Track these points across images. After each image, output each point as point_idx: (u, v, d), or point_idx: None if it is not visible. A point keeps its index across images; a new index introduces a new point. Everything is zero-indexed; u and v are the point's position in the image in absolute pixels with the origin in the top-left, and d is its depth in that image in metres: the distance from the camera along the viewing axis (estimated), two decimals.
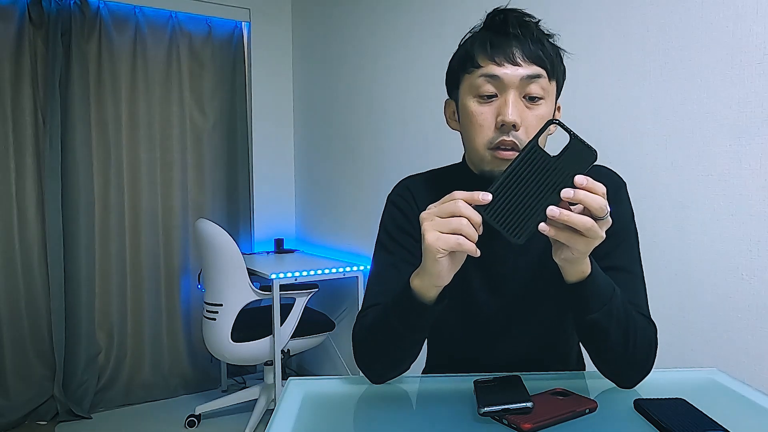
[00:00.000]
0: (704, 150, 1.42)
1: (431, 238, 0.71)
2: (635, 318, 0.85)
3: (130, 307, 3.11)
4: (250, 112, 3.42)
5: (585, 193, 0.67)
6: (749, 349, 1.34)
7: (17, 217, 2.81)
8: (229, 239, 2.52)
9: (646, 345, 0.86)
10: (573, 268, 0.77)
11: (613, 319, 0.81)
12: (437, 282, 0.77)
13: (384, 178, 2.72)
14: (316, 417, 0.80)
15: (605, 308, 0.80)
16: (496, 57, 0.85)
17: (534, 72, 0.85)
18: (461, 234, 0.70)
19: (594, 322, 0.81)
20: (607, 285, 0.81)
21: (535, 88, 0.86)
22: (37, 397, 2.83)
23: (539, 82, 0.86)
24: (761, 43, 1.29)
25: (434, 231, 0.71)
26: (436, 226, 0.71)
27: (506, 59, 0.85)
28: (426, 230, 0.72)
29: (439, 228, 0.71)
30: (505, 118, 0.84)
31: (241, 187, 3.40)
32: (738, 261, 1.36)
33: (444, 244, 0.70)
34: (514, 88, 0.85)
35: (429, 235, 0.71)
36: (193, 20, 3.23)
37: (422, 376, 0.98)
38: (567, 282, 0.80)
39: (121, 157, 3.05)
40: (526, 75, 0.85)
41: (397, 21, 2.58)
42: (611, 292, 0.81)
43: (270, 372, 2.70)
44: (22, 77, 2.79)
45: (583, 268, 0.78)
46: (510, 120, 0.84)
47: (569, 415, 0.75)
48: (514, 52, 0.85)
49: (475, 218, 0.70)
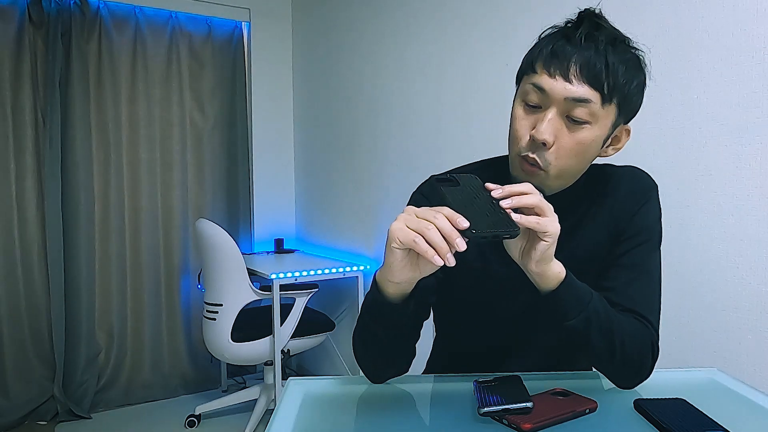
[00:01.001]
0: (704, 150, 1.42)
1: (394, 226, 0.71)
2: (621, 323, 0.83)
3: (130, 307, 3.11)
4: (250, 112, 3.42)
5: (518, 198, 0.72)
6: (749, 349, 1.34)
7: (17, 217, 2.81)
8: (229, 239, 2.52)
9: (639, 349, 0.85)
10: (549, 269, 0.77)
11: (593, 325, 0.80)
12: (389, 275, 0.75)
13: (384, 178, 2.72)
14: (316, 417, 0.80)
15: (582, 315, 0.79)
16: (552, 67, 0.81)
17: (582, 95, 0.79)
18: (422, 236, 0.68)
19: (572, 328, 0.80)
20: (583, 291, 0.80)
21: (580, 111, 0.80)
22: (37, 397, 2.83)
23: (588, 106, 0.80)
24: (761, 43, 1.29)
25: (401, 222, 0.71)
26: (406, 219, 0.71)
27: (560, 72, 0.80)
28: (396, 219, 0.72)
29: (407, 222, 0.70)
30: (536, 135, 0.81)
31: (241, 187, 3.40)
32: (738, 261, 1.36)
33: (403, 236, 0.70)
34: (557, 105, 0.81)
35: (395, 224, 0.71)
36: (193, 20, 3.22)
37: (422, 376, 0.98)
38: (542, 291, 0.79)
39: (121, 157, 3.05)
40: (572, 97, 0.80)
41: (397, 21, 2.58)
42: (588, 298, 0.80)
43: (270, 372, 2.70)
44: (22, 77, 2.79)
45: (559, 270, 0.78)
46: (540, 137, 0.80)
47: (569, 415, 0.75)
48: (570, 65, 0.80)
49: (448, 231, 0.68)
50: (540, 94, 0.82)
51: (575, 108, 0.80)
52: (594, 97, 0.80)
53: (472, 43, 2.14)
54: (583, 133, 0.82)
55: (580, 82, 0.80)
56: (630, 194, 0.94)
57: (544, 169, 0.83)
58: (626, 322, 0.85)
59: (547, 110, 0.81)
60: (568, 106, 0.80)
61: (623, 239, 0.92)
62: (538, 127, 0.81)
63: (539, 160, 0.82)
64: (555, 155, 0.82)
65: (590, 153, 0.85)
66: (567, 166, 0.84)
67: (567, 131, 0.82)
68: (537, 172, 0.83)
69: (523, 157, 0.84)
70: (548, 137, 0.80)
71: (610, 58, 0.80)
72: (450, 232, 0.68)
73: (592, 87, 0.80)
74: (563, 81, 0.80)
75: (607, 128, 0.84)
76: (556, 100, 0.81)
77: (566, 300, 0.79)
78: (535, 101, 0.83)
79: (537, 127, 0.81)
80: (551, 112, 0.81)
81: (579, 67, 0.80)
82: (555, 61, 0.81)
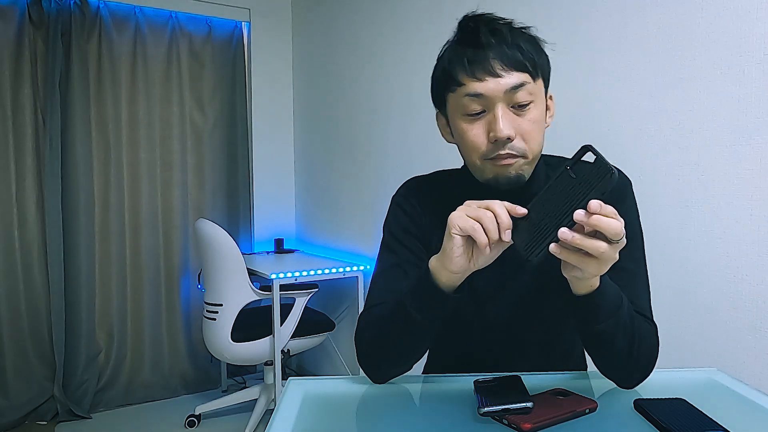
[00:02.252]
0: (704, 150, 1.42)
1: (455, 215, 0.76)
2: (641, 325, 0.85)
3: (130, 307, 3.11)
4: (250, 112, 3.42)
5: (598, 218, 0.66)
6: (749, 349, 1.34)
7: (17, 217, 2.80)
8: (229, 239, 2.52)
9: (650, 349, 0.87)
10: (582, 283, 0.77)
11: (620, 329, 0.81)
12: (447, 263, 0.78)
13: (384, 178, 2.72)
14: (316, 417, 0.80)
15: (612, 320, 0.80)
16: (476, 72, 0.84)
17: (518, 81, 0.83)
18: (480, 223, 0.73)
19: (601, 331, 0.81)
20: (615, 296, 0.81)
21: (522, 95, 0.84)
22: (37, 397, 2.83)
23: (525, 88, 0.84)
24: (761, 43, 1.29)
25: (461, 211, 0.76)
26: (466, 209, 0.76)
27: (486, 73, 0.83)
28: (456, 209, 0.77)
29: (467, 212, 0.75)
30: (497, 134, 0.83)
31: (241, 187, 3.40)
32: (738, 261, 1.36)
33: (462, 223, 0.74)
34: (501, 101, 0.84)
35: (455, 212, 0.76)
36: (193, 20, 3.22)
37: (422, 376, 0.98)
38: (575, 294, 0.79)
39: (121, 157, 3.05)
40: (510, 86, 0.83)
41: (397, 20, 2.58)
42: (619, 303, 0.81)
43: (270, 372, 2.70)
44: (22, 77, 2.79)
45: (592, 282, 0.78)
46: (502, 135, 0.83)
47: (569, 415, 0.75)
48: (492, 63, 0.83)
49: (503, 219, 0.73)
50: (479, 99, 0.85)
51: (516, 95, 0.84)
52: (526, 78, 0.84)
53: None
54: (532, 112, 0.86)
55: (508, 71, 0.83)
56: None
57: (522, 156, 0.86)
58: (644, 326, 0.87)
59: (494, 109, 0.84)
60: (509, 96, 0.84)
61: None
62: (495, 126, 0.83)
63: (514, 151, 0.85)
64: (522, 143, 0.85)
65: (543, 127, 0.90)
66: (536, 146, 0.88)
67: (519, 118, 0.85)
68: (515, 161, 0.86)
69: (493, 159, 0.86)
70: (510, 131, 0.83)
71: (517, 41, 0.85)
72: (505, 219, 0.73)
73: (520, 71, 0.84)
74: (494, 78, 0.83)
75: (544, 101, 0.90)
76: (497, 96, 0.84)
77: (600, 305, 0.79)
78: (477, 108, 0.85)
79: (493, 128, 0.84)
80: (499, 109, 0.84)
81: (501, 61, 0.84)
82: (477, 67, 0.84)
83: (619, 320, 0.80)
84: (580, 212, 0.66)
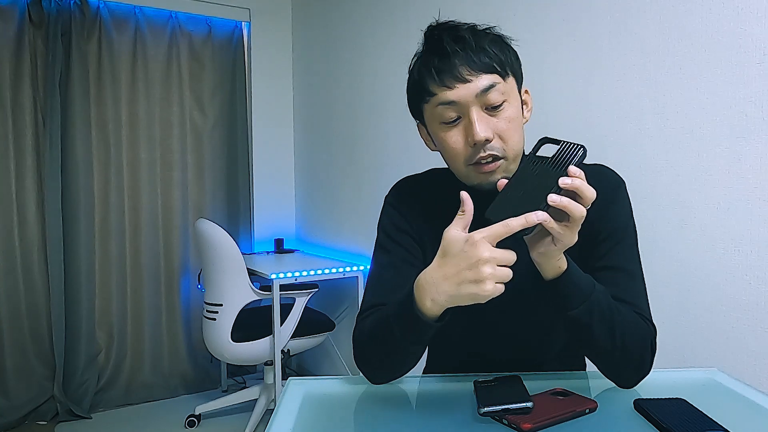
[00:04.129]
0: (704, 150, 1.42)
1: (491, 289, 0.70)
2: (623, 314, 0.85)
3: (130, 307, 3.11)
4: (250, 112, 3.42)
5: (580, 181, 0.71)
6: (749, 349, 1.34)
7: (17, 217, 2.81)
8: (229, 239, 2.52)
9: (639, 343, 0.86)
10: (549, 263, 0.78)
11: (595, 316, 0.81)
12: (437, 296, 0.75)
13: (384, 178, 2.72)
14: (316, 417, 0.80)
15: (585, 305, 0.80)
16: (445, 81, 0.85)
17: (487, 83, 0.85)
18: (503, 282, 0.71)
19: (575, 318, 0.81)
20: (586, 282, 0.82)
21: (494, 96, 0.85)
22: (37, 397, 2.83)
23: (496, 89, 0.85)
24: (761, 43, 1.29)
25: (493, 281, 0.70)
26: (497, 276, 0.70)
27: (455, 79, 0.85)
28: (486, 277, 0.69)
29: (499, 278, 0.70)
30: (475, 138, 0.84)
31: (241, 187, 3.40)
32: (738, 261, 1.36)
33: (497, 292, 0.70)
34: (474, 105, 0.85)
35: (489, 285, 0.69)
36: (193, 20, 3.23)
37: (422, 376, 0.98)
38: (545, 279, 0.81)
39: (121, 157, 3.05)
40: (480, 90, 0.84)
41: (396, 20, 2.58)
42: (591, 289, 0.81)
43: (270, 372, 2.70)
44: (22, 77, 2.79)
45: (560, 264, 0.79)
46: (480, 138, 0.84)
47: (569, 415, 0.75)
48: (459, 69, 0.85)
49: None
50: (452, 107, 0.86)
51: (487, 97, 0.85)
52: (496, 79, 0.86)
53: None
54: (507, 111, 0.87)
55: (477, 75, 0.85)
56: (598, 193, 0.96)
57: (503, 157, 0.87)
58: (628, 314, 0.86)
59: (469, 113, 0.85)
60: (481, 99, 0.85)
61: (600, 240, 0.94)
62: (471, 131, 0.85)
63: (495, 152, 0.86)
64: (500, 143, 0.87)
65: (520, 123, 0.91)
66: (515, 143, 0.88)
67: (494, 118, 0.86)
68: (498, 164, 0.87)
69: (476, 163, 0.87)
70: (488, 134, 0.85)
71: (481, 44, 0.86)
72: None
73: (488, 72, 0.85)
74: (464, 84, 0.85)
75: (518, 97, 0.91)
76: (470, 101, 0.85)
77: (568, 290, 0.80)
78: (452, 116, 0.87)
79: (469, 132, 0.85)
80: (474, 113, 0.85)
81: (468, 66, 0.85)
82: (445, 75, 0.85)
83: (592, 306, 0.81)
84: (566, 179, 0.70)
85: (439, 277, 0.73)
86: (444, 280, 0.73)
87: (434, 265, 0.75)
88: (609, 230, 0.94)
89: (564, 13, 1.76)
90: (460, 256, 0.71)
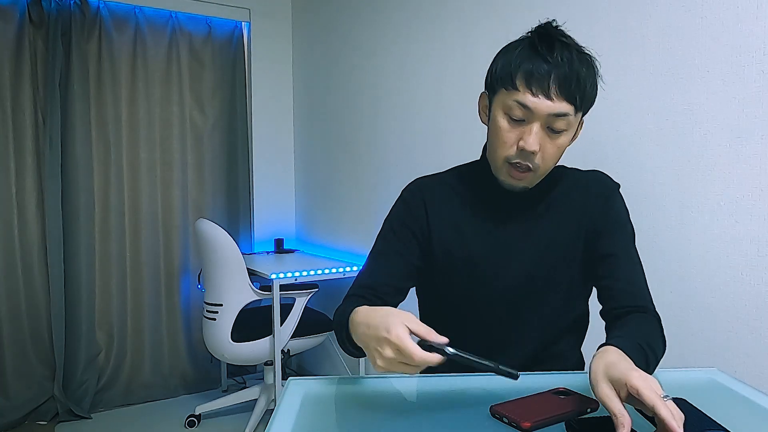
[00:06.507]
0: (704, 150, 1.42)
1: (380, 366, 0.77)
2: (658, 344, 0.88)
3: (130, 307, 3.11)
4: (250, 112, 3.42)
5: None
6: (749, 349, 1.34)
7: (17, 217, 2.80)
8: (229, 239, 2.52)
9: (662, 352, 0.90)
10: None
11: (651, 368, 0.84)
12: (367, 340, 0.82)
13: (384, 179, 2.72)
14: (316, 417, 0.80)
15: None
16: (533, 87, 0.90)
17: (562, 111, 0.90)
18: None
19: None
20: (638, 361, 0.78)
21: (560, 123, 0.91)
22: (37, 397, 2.83)
23: (566, 118, 0.91)
24: (761, 43, 1.29)
25: (384, 364, 0.77)
26: (390, 362, 0.76)
27: (542, 92, 0.89)
28: (382, 356, 0.77)
29: (391, 365, 0.77)
30: (526, 146, 0.91)
31: (241, 187, 3.40)
32: (738, 261, 1.36)
33: (385, 372, 0.78)
34: (541, 119, 0.91)
35: (380, 362, 0.77)
36: (193, 20, 3.22)
37: (422, 375, 0.98)
38: None
39: (121, 157, 3.05)
40: (554, 113, 0.90)
41: (397, 21, 2.58)
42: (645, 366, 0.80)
43: (270, 372, 2.70)
44: (22, 77, 2.79)
45: None
46: (530, 149, 0.91)
47: (570, 415, 0.75)
48: (550, 85, 0.89)
49: None
50: (524, 110, 0.91)
51: (556, 121, 0.91)
52: (570, 110, 0.91)
53: (471, 42, 2.14)
54: (561, 138, 0.94)
55: (559, 98, 0.90)
56: (597, 196, 1.05)
57: (533, 171, 0.95)
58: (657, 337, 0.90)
59: (532, 124, 0.91)
60: (550, 120, 0.91)
61: (602, 234, 1.01)
62: (527, 139, 0.91)
63: (530, 164, 0.94)
64: (541, 159, 0.94)
65: (564, 150, 0.98)
66: (549, 165, 0.97)
67: (549, 140, 0.93)
68: (527, 174, 0.95)
69: (513, 164, 0.95)
70: (537, 148, 0.92)
71: (580, 73, 0.91)
72: None
73: (569, 102, 0.91)
74: (545, 99, 0.90)
75: (574, 130, 0.97)
76: (540, 115, 0.91)
77: None
78: (519, 116, 0.92)
79: (525, 138, 0.92)
80: (536, 126, 0.91)
81: (558, 87, 0.90)
82: (535, 81, 0.90)
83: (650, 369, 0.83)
84: None
85: (365, 324, 0.82)
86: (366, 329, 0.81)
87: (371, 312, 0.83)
88: (610, 225, 1.02)
89: (564, 13, 1.76)
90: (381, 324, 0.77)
